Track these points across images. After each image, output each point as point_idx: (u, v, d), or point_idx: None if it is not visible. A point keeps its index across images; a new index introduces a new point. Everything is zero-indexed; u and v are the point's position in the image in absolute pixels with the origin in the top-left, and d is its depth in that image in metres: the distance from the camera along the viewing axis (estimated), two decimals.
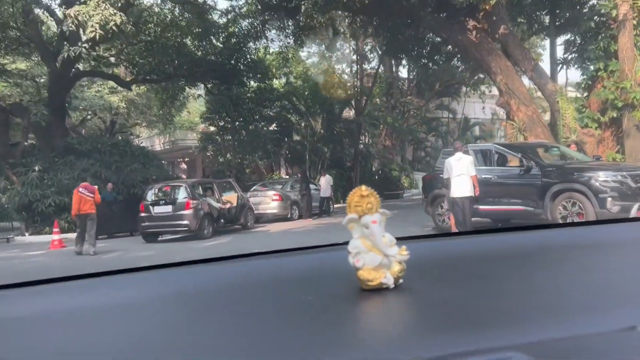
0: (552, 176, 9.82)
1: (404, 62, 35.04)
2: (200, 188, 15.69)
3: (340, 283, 1.06)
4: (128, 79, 24.35)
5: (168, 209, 14.41)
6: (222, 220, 15.58)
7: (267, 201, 19.04)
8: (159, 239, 15.28)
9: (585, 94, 14.92)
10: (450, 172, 10.00)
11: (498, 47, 15.65)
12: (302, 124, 26.88)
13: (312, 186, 21.29)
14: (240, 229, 16.60)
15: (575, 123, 13.88)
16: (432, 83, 35.04)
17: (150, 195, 15.08)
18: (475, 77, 35.50)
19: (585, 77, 14.54)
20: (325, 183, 20.19)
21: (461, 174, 9.85)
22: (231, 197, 16.30)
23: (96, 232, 16.67)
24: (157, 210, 14.48)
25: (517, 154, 10.59)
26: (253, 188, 20.38)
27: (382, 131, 32.02)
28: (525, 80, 16.03)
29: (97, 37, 13.31)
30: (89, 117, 33.31)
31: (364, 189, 1.02)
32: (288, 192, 19.54)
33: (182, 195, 14.67)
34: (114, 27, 13.46)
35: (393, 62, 33.85)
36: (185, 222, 14.21)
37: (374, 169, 31.00)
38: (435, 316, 0.91)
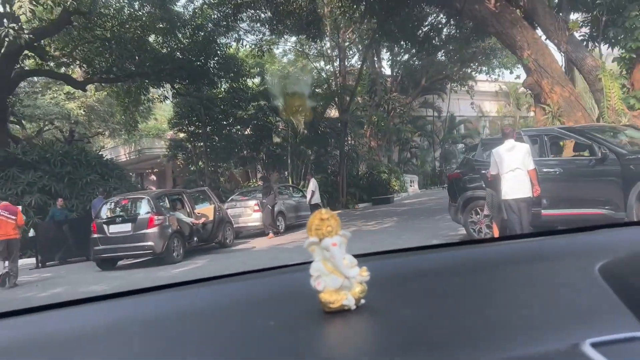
0: (636, 167, 7.34)
1: (388, 56, 32.93)
2: (167, 200, 12.90)
3: (303, 305, 1.05)
4: (82, 80, 21.34)
5: (127, 227, 11.57)
6: (196, 239, 12.82)
7: (248, 212, 16.32)
8: (119, 264, 12.52)
9: (623, 71, 12.60)
10: (499, 167, 7.49)
11: (522, 17, 13.24)
12: (282, 125, 24.15)
13: (295, 193, 18.71)
14: (217, 247, 13.87)
15: (622, 104, 11.54)
16: (417, 79, 32.89)
17: (104, 212, 12.21)
18: (462, 72, 33.58)
19: (624, 50, 12.20)
20: (312, 187, 17.59)
21: (515, 168, 7.34)
22: (206, 210, 13.55)
23: (43, 258, 14.18)
24: (113, 229, 11.64)
25: (585, 139, 8.05)
26: (231, 198, 17.65)
27: (366, 131, 29.63)
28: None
29: (27, 13, 10.47)
30: (46, 127, 30.27)
31: (323, 212, 1.02)
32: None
33: (144, 209, 11.84)
34: (49, 2, 10.72)
35: (376, 58, 31.57)
36: (148, 243, 11.40)
37: (360, 172, 28.57)
38: (394, 337, 0.91)
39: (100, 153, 21.47)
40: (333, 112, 27.34)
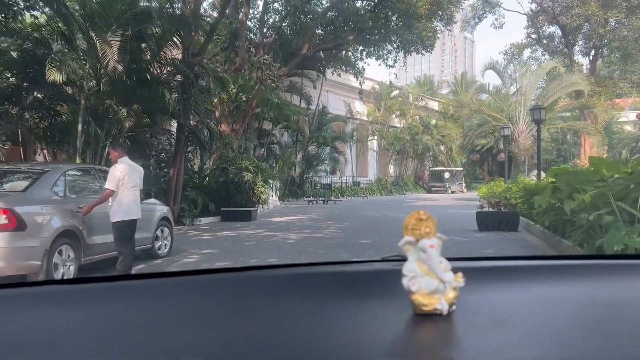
0: None
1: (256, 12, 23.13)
2: None
3: (390, 302, 1.04)
4: None
5: None
6: None
7: None
8: None
9: None
10: None
11: None
12: (73, 57, 12.29)
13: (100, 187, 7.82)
14: None
15: None
16: (293, 47, 23.42)
17: None
18: (351, 48, 25.01)
19: None
20: (131, 183, 6.94)
21: None
22: None
23: None
24: None
25: None
26: None
27: (216, 106, 19.10)
28: None
29: None
30: None
31: (422, 213, 0.99)
32: (45, 208, 5.84)
33: None
34: None
35: (242, 8, 21.34)
36: None
37: (207, 166, 18.05)
38: (488, 343, 0.86)
39: None
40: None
